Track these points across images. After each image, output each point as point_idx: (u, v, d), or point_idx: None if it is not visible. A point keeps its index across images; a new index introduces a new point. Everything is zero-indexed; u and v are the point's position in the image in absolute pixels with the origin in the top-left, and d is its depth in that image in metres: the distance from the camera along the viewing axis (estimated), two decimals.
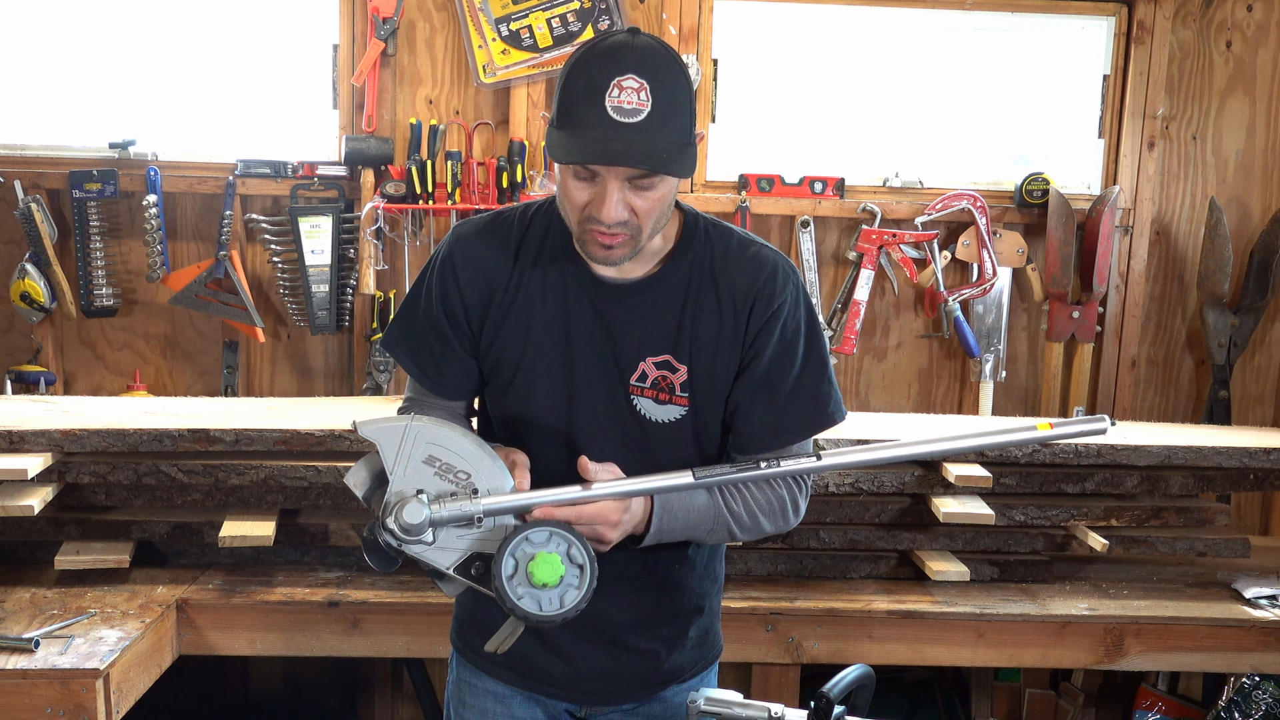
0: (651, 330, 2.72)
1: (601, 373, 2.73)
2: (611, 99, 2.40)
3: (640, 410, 2.74)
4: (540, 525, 2.51)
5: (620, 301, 2.71)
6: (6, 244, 5.21)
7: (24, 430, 4.14)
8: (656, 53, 2.46)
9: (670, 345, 2.72)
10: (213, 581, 4.25)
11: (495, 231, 2.75)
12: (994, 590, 4.45)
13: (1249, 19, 5.32)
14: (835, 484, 4.37)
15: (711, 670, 3.12)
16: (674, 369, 2.73)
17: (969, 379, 5.45)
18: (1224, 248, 5.30)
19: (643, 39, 2.48)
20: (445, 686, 3.15)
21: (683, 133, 2.49)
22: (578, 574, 2.51)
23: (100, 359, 5.33)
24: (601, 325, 2.72)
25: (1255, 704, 4.75)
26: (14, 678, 3.41)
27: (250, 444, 4.23)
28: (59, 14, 5.21)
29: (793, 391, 2.76)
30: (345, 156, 5.13)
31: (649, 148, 2.43)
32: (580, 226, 2.56)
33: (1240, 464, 4.55)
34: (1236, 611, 4.37)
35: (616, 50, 2.44)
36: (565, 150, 2.46)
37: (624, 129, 2.41)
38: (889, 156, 5.41)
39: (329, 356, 5.36)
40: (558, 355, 2.73)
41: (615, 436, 2.75)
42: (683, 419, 2.76)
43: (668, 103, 2.44)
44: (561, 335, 2.72)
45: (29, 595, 4.04)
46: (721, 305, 2.72)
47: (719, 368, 2.74)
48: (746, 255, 2.74)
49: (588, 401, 2.74)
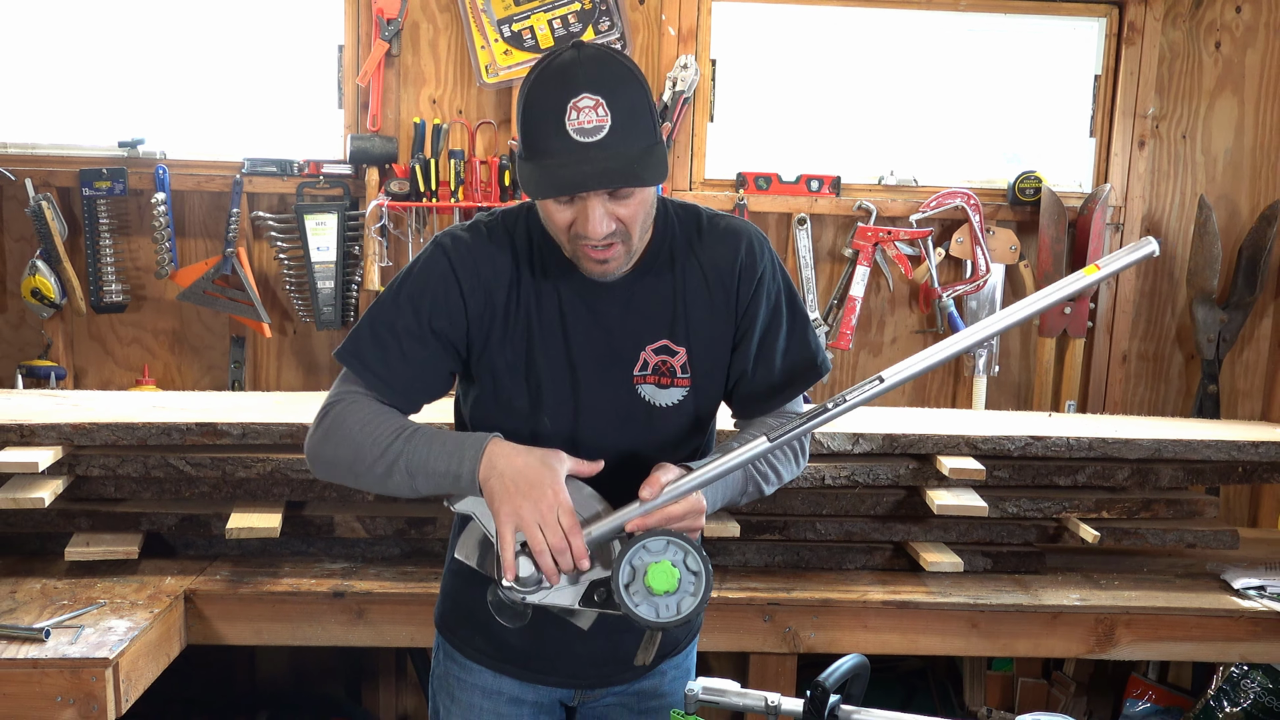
0: (646, 319, 2.73)
1: (604, 369, 2.73)
2: (571, 122, 2.40)
3: (645, 397, 2.74)
4: (657, 534, 2.51)
5: (613, 298, 2.70)
6: (18, 241, 5.21)
7: (35, 424, 4.14)
8: (605, 63, 2.45)
9: (667, 330, 2.74)
10: (220, 572, 4.24)
11: (488, 241, 2.70)
12: (987, 581, 4.44)
13: (1238, 20, 5.31)
14: (831, 477, 4.37)
15: (693, 645, 3.15)
16: (673, 352, 2.74)
17: (963, 374, 5.45)
18: (1213, 245, 5.29)
19: (588, 51, 2.46)
20: None
21: (647, 135, 2.48)
22: (693, 580, 2.53)
23: (110, 354, 5.33)
24: (599, 324, 2.71)
25: (1244, 692, 4.75)
26: (25, 667, 3.40)
27: (257, 437, 4.23)
28: (69, 15, 5.20)
29: (786, 351, 2.83)
30: (350, 155, 5.13)
31: (617, 163, 2.43)
32: (571, 246, 2.57)
33: (1229, 457, 4.55)
34: (1225, 602, 4.36)
35: (566, 70, 2.43)
36: (538, 185, 2.46)
37: (589, 149, 2.40)
38: (884, 155, 5.41)
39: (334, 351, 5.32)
40: (559, 359, 2.71)
41: (619, 426, 2.75)
42: (685, 399, 2.77)
43: (626, 112, 2.43)
44: (560, 339, 2.71)
45: (40, 586, 4.03)
46: (708, 282, 2.75)
47: (715, 342, 2.78)
48: (720, 230, 2.78)
49: (593, 399, 2.73)
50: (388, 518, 4.39)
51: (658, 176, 2.51)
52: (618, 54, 2.50)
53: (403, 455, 2.58)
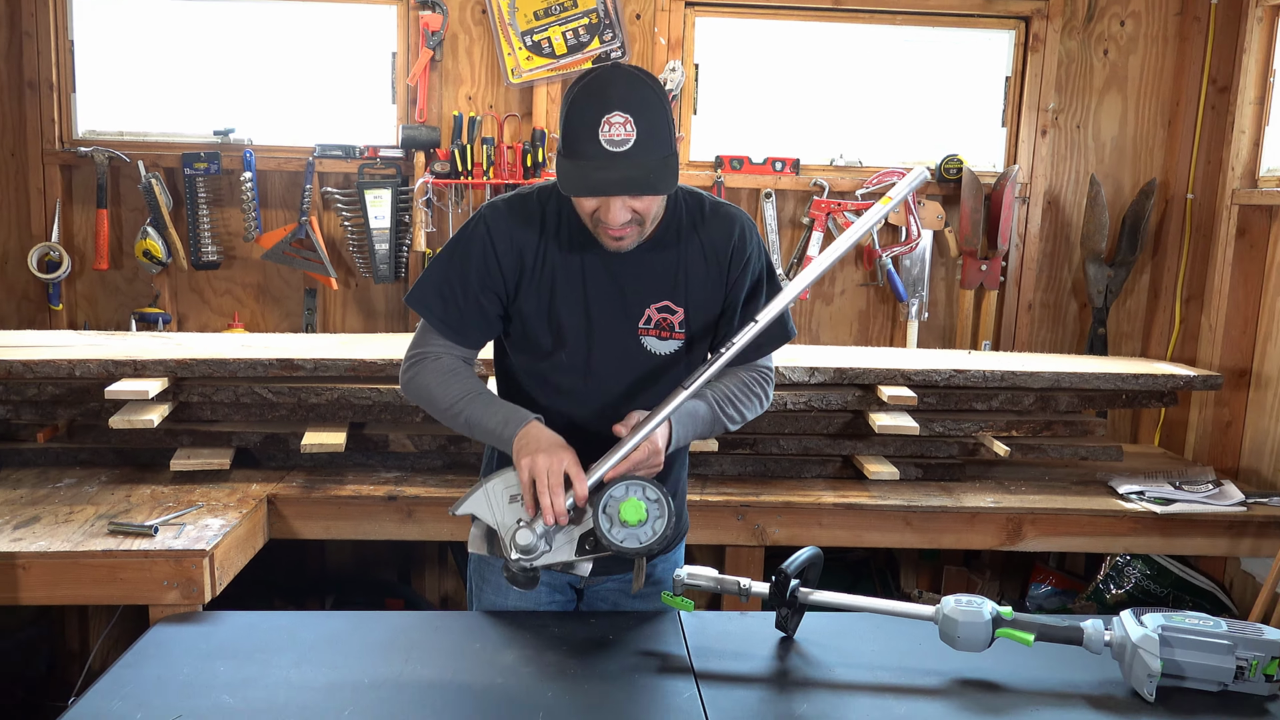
0: (653, 283, 2.76)
1: (615, 321, 2.76)
2: (604, 133, 2.44)
3: (647, 347, 2.78)
4: (616, 482, 2.59)
5: (626, 263, 2.72)
6: (132, 211, 5.16)
7: (145, 359, 4.15)
8: (636, 86, 2.49)
9: (669, 293, 2.77)
10: (296, 480, 4.23)
11: (522, 211, 2.73)
12: (918, 487, 4.43)
13: (1122, 32, 5.25)
14: (792, 403, 4.36)
15: (681, 545, 3.16)
16: (673, 311, 2.77)
17: (899, 319, 5.40)
18: (1101, 214, 5.24)
19: (623, 73, 2.50)
20: None
21: (664, 147, 2.51)
22: (656, 505, 2.60)
23: (206, 303, 5.28)
24: (613, 284, 2.74)
25: (1126, 577, 4.73)
26: (138, 557, 3.40)
27: (326, 371, 4.22)
28: (173, 26, 5.15)
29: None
30: (402, 141, 5.09)
31: (637, 172, 2.47)
32: (593, 226, 2.62)
33: (1115, 386, 4.53)
34: (1112, 504, 4.35)
35: (604, 88, 2.47)
36: (572, 183, 2.51)
37: (616, 158, 2.45)
38: (836, 141, 5.34)
39: (389, 301, 5.31)
40: (579, 310, 2.74)
41: (626, 368, 2.79)
42: (679, 350, 2.80)
43: (649, 129, 2.47)
44: (581, 293, 2.73)
45: (149, 492, 4.02)
46: (706, 257, 2.77)
47: (707, 307, 2.81)
48: (720, 215, 2.81)
49: (604, 344, 2.76)
50: (432, 435, 4.39)
51: (670, 186, 2.54)
52: (647, 76, 2.53)
53: (464, 412, 2.70)
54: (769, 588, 2.99)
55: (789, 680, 2.78)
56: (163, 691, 2.60)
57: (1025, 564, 5.39)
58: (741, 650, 2.92)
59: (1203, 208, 5.22)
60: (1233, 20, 5.09)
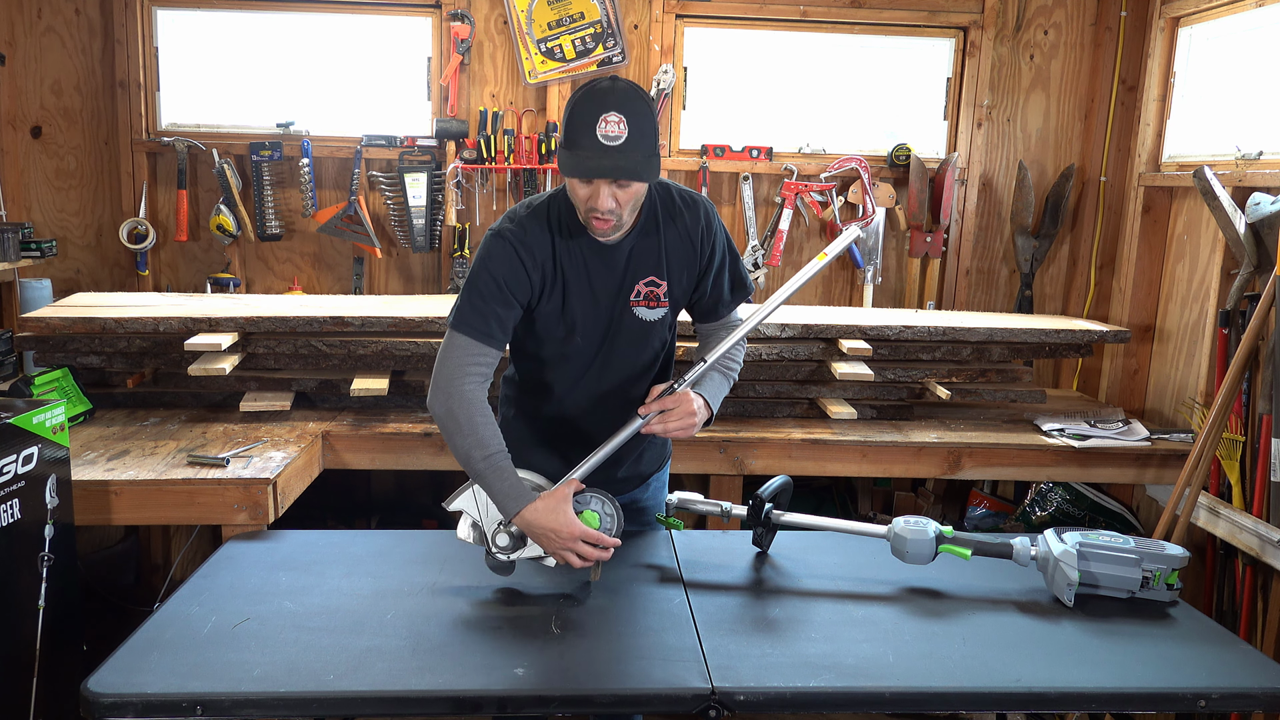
0: (642, 263, 2.82)
1: (614, 299, 2.82)
2: (600, 129, 2.50)
3: (639, 315, 2.84)
4: (579, 495, 2.74)
5: (620, 251, 2.79)
6: (207, 192, 5.11)
7: (219, 317, 4.12)
8: (630, 94, 2.54)
9: (654, 270, 2.83)
10: (346, 419, 4.19)
11: (537, 223, 2.75)
12: (873, 426, 4.40)
13: (1045, 40, 5.20)
14: (766, 354, 4.34)
15: (666, 465, 3.23)
16: (658, 285, 2.84)
17: (857, 283, 5.36)
18: (1028, 194, 5.21)
19: (621, 83, 2.56)
20: None
21: (650, 147, 2.57)
22: (609, 515, 2.75)
23: (270, 269, 5.24)
24: (610, 268, 2.79)
25: (1049, 502, 4.73)
26: (212, 485, 3.38)
27: (372, 326, 4.20)
28: (242, 34, 5.10)
29: (729, 280, 2.96)
30: (435, 133, 5.04)
31: (626, 163, 2.54)
32: (584, 215, 2.67)
33: (1039, 340, 4.51)
34: (1037, 440, 4.32)
35: (604, 93, 2.52)
36: (571, 167, 2.57)
37: (609, 150, 2.52)
38: (803, 131, 5.28)
39: (425, 268, 5.26)
40: (587, 297, 2.79)
41: (624, 333, 2.85)
42: (665, 315, 2.88)
43: (639, 130, 2.53)
44: (586, 283, 2.78)
45: (222, 429, 3.99)
46: (680, 238, 2.86)
47: (685, 279, 2.89)
48: (688, 203, 2.87)
49: (608, 316, 2.83)
50: None
51: (652, 176, 2.62)
52: (639, 89, 2.57)
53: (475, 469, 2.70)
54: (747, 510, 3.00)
55: (764, 588, 2.84)
56: (234, 598, 2.69)
57: (964, 490, 5.37)
58: (723, 563, 2.97)
59: (1114, 189, 5.18)
60: (1139, 30, 5.05)
